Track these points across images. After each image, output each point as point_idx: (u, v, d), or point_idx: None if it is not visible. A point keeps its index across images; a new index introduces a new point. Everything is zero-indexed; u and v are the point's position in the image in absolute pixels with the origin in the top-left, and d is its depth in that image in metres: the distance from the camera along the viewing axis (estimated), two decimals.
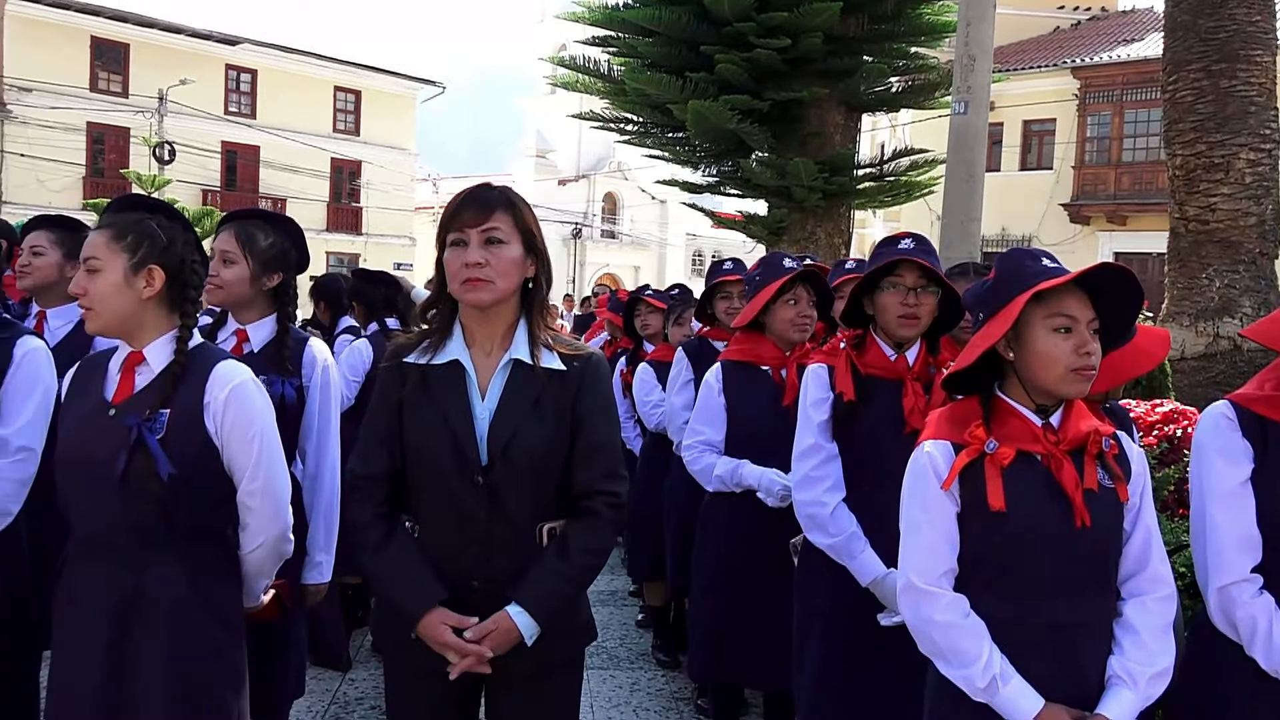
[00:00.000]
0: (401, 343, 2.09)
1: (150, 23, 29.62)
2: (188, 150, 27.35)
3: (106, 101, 28.69)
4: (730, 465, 3.24)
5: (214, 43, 30.70)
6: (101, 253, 2.01)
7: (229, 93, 31.40)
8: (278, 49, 32.17)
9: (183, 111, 28.17)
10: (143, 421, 1.95)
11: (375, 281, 4.84)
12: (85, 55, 28.64)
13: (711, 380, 3.35)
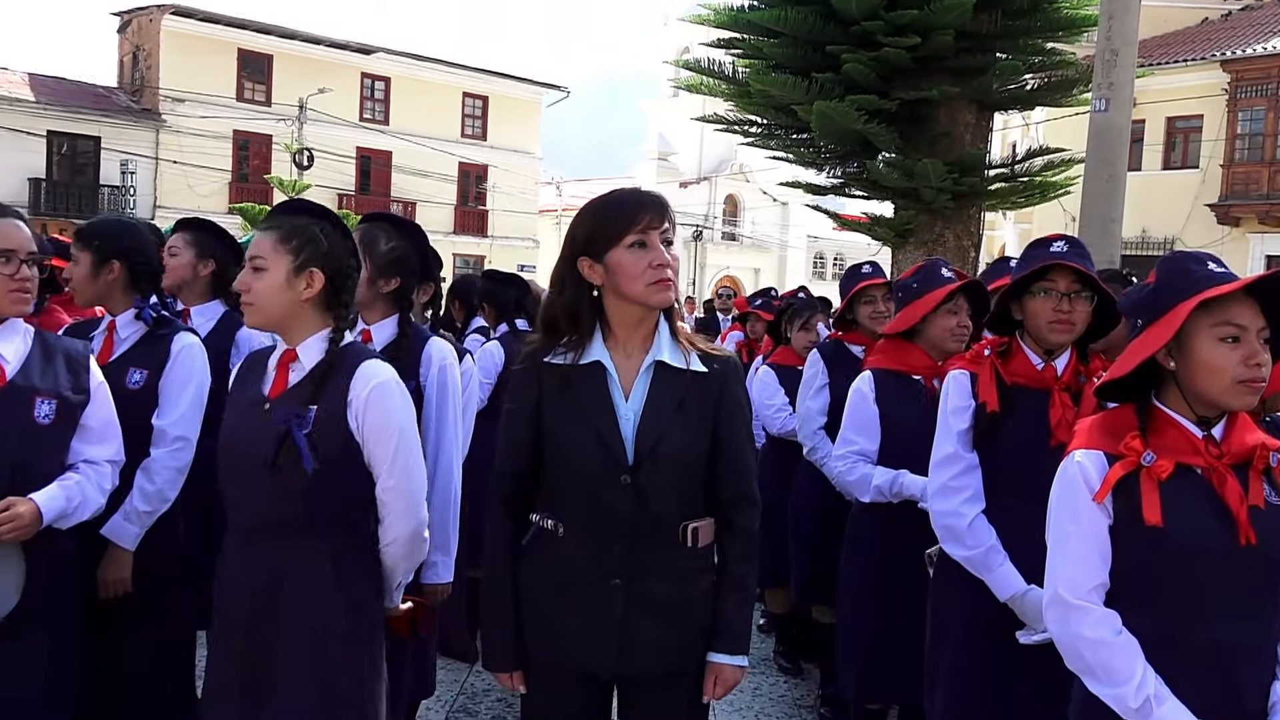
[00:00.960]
0: (536, 345, 2.11)
1: (292, 34, 31.01)
2: (325, 156, 28.51)
3: (251, 110, 30.16)
4: (889, 475, 3.16)
5: (350, 52, 31.95)
6: (267, 253, 2.09)
7: (364, 100, 32.60)
8: (410, 57, 33.26)
9: (321, 119, 29.37)
10: (293, 417, 2.03)
11: (506, 283, 4.93)
12: (233, 67, 30.17)
13: (864, 388, 3.26)
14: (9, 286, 2.28)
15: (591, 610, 2.02)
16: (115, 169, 27.93)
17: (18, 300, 2.31)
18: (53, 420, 2.30)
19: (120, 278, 2.77)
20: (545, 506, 2.09)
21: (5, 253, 2.27)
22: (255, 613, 2.07)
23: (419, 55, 33.77)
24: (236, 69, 30.33)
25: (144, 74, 30.00)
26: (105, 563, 2.59)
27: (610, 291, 2.05)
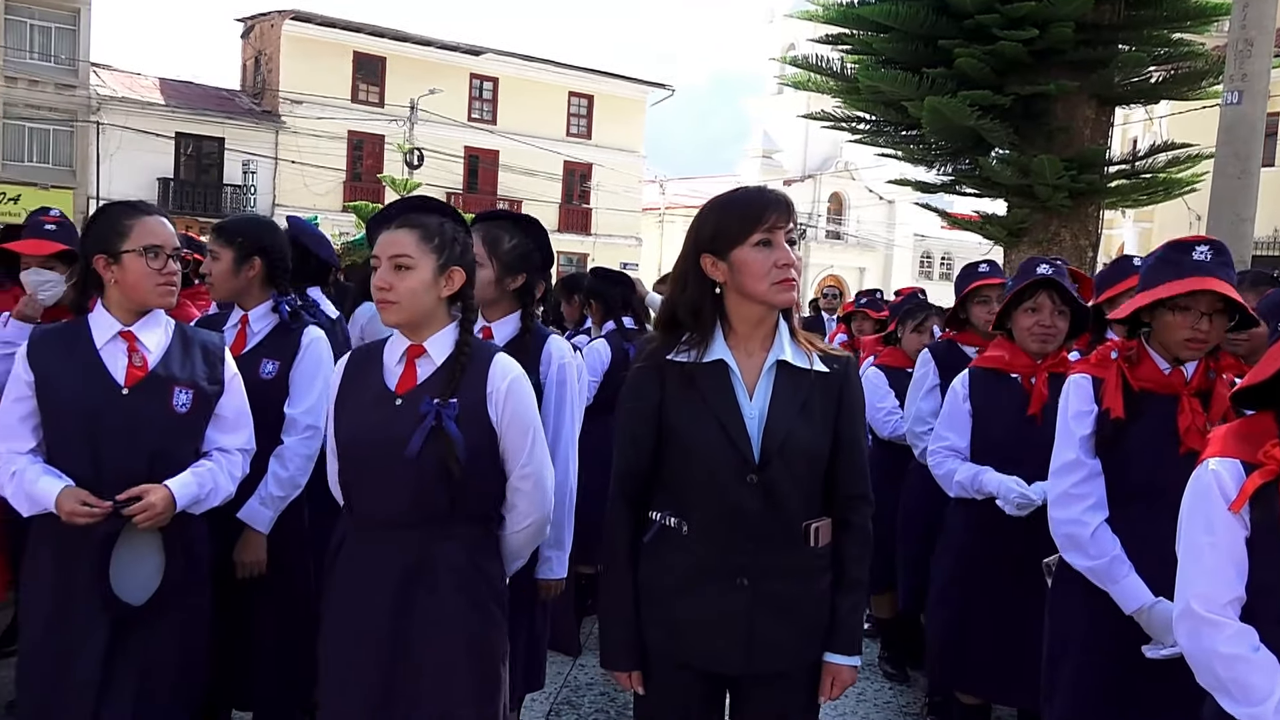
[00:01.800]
0: (657, 342, 2.12)
1: (405, 37, 31.81)
2: (434, 155, 29.16)
3: (365, 111, 31.05)
4: (971, 471, 3.19)
5: (460, 53, 32.60)
6: (413, 252, 2.13)
7: (472, 100, 33.23)
8: (518, 57, 33.77)
9: (431, 119, 30.06)
10: (441, 408, 2.07)
11: (613, 281, 4.96)
12: (348, 69, 31.11)
13: (958, 386, 3.31)
14: (156, 280, 2.40)
15: (716, 609, 2.02)
16: (238, 169, 29.16)
17: (164, 293, 2.43)
18: (189, 409, 2.42)
19: (259, 274, 2.89)
20: (667, 504, 2.09)
21: (154, 248, 2.39)
22: (397, 601, 2.11)
23: (526, 55, 34.27)
24: (351, 71, 31.26)
25: (265, 77, 31.17)
26: (241, 545, 2.70)
27: (733, 290, 2.04)
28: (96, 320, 2.41)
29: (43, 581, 2.35)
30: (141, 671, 2.33)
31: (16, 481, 2.29)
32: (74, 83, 27.08)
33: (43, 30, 26.79)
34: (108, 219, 2.43)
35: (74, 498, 2.25)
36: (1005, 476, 3.06)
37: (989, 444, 3.19)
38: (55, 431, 2.34)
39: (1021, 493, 2.97)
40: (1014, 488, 3.01)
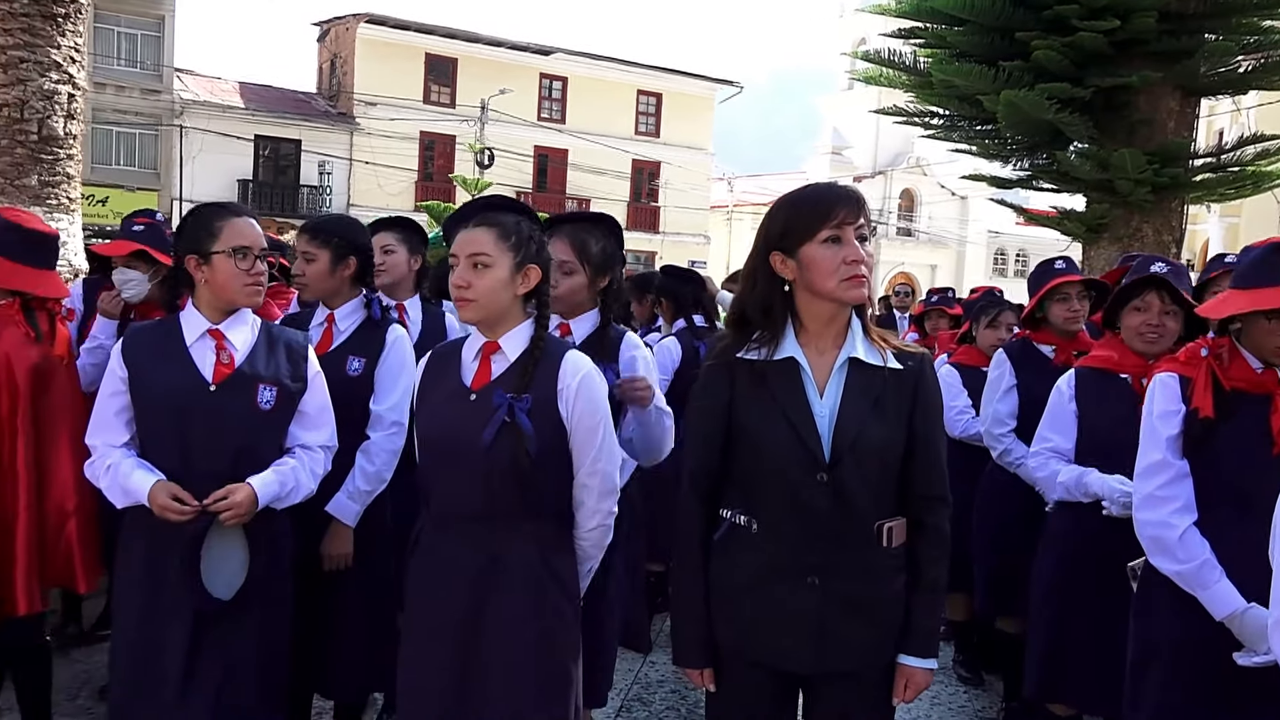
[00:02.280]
0: (727, 340, 2.12)
1: (475, 38, 32.22)
2: (504, 155, 29.48)
3: (436, 112, 31.52)
4: (1075, 473, 3.08)
5: (530, 54, 32.91)
6: (491, 250, 2.16)
7: (542, 100, 33.51)
8: (587, 56, 33.98)
9: (501, 119, 30.39)
10: (513, 401, 2.10)
11: (683, 279, 4.97)
12: (420, 71, 31.62)
13: (1064, 386, 3.20)
14: (244, 280, 2.46)
15: (787, 607, 2.02)
16: (314, 170, 29.83)
17: (252, 293, 2.49)
18: (273, 406, 2.48)
19: (353, 273, 2.95)
20: (737, 502, 2.09)
21: (242, 249, 2.45)
22: (472, 595, 2.14)
23: (595, 54, 34.46)
24: (424, 73, 31.75)
25: (340, 80, 31.82)
26: (329, 538, 2.77)
27: (802, 287, 2.03)
28: (187, 318, 2.49)
29: (134, 573, 2.43)
30: (225, 664, 2.40)
31: (112, 474, 2.38)
32: (159, 88, 27.97)
33: (129, 37, 27.72)
34: (199, 220, 2.50)
35: (165, 492, 2.32)
36: (1109, 476, 2.97)
37: (1095, 445, 3.08)
38: (146, 426, 2.42)
39: (1126, 491, 2.85)
40: (1118, 487, 2.91)
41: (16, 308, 3.03)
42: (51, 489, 3.05)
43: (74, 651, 4.14)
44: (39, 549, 2.99)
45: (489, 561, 2.15)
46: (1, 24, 5.31)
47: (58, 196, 5.54)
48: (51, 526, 3.04)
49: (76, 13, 5.53)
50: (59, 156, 5.55)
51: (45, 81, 5.38)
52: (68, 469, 3.08)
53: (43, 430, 3.02)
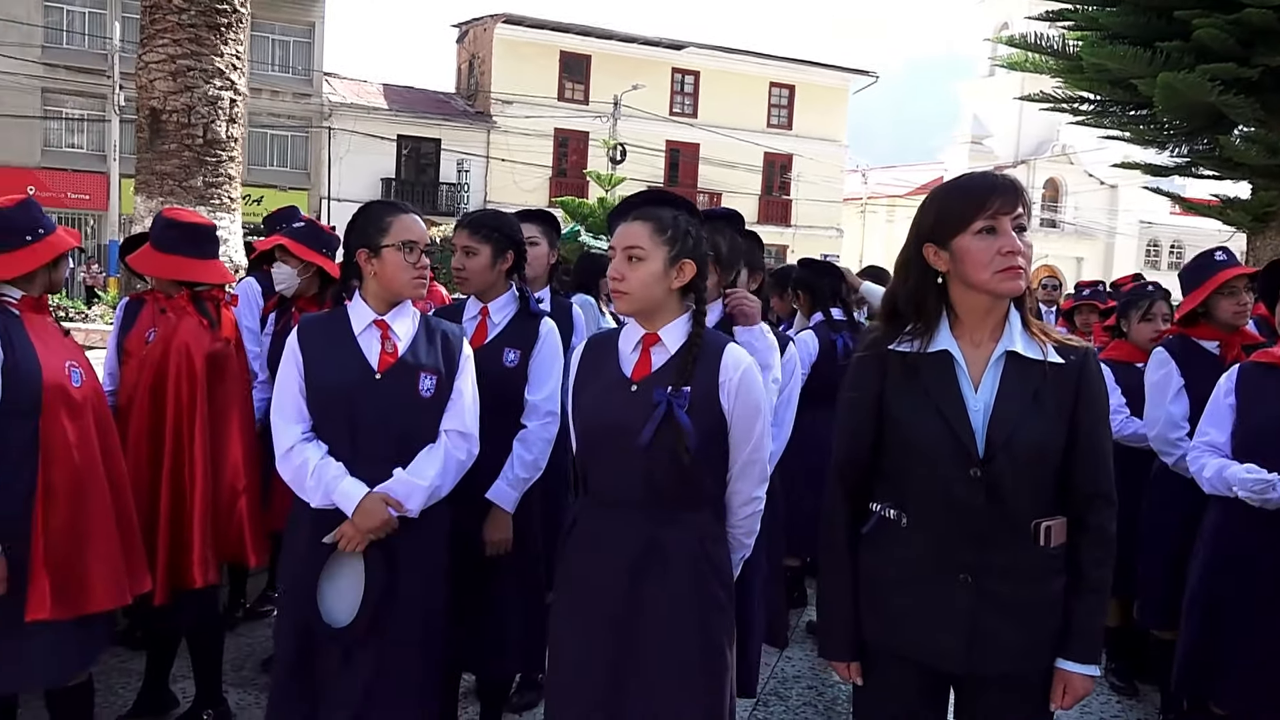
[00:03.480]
0: (878, 333, 2.09)
1: (609, 34, 32.56)
2: (637, 150, 29.68)
3: (571, 109, 32.02)
4: (1216, 466, 3.00)
5: (662, 49, 33.06)
6: (646, 244, 2.19)
7: (674, 94, 33.61)
8: (719, 50, 33.89)
9: (633, 114, 30.62)
10: (673, 396, 2.13)
11: (822, 272, 4.90)
12: (555, 69, 32.16)
13: (1224, 382, 3.09)
14: (411, 273, 2.57)
15: (937, 604, 1.98)
16: (452, 168, 30.74)
17: (417, 285, 2.61)
18: (433, 394, 2.58)
19: (510, 266, 3.04)
20: (887, 496, 2.06)
21: (410, 243, 2.57)
22: (631, 580, 2.17)
23: (727, 48, 34.34)
24: (558, 70, 32.27)
25: (478, 79, 32.64)
26: (489, 524, 2.86)
27: (956, 279, 1.99)
28: (354, 310, 2.62)
29: (299, 552, 2.56)
30: (384, 644, 2.50)
31: (317, 476, 2.49)
32: (309, 91, 29.28)
33: (282, 44, 29.11)
34: (369, 216, 2.62)
35: (382, 504, 2.46)
36: (1241, 465, 2.88)
37: (1252, 442, 2.96)
38: (318, 410, 2.56)
39: (1258, 478, 2.78)
40: (1246, 476, 2.83)
41: (186, 298, 3.25)
42: (224, 469, 3.26)
43: (239, 626, 4.39)
44: (213, 526, 3.20)
45: (649, 547, 2.18)
46: (171, 35, 5.62)
47: (220, 196, 5.84)
48: (224, 505, 3.26)
49: (238, 22, 5.83)
50: (221, 158, 5.86)
51: (210, 88, 5.69)
52: (238, 450, 3.30)
53: (217, 413, 3.24)
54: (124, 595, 2.77)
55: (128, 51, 20.95)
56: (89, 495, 2.68)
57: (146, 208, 5.62)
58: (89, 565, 2.66)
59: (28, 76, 26.09)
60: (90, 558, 2.67)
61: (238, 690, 3.72)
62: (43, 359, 2.62)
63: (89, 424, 2.71)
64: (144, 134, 5.68)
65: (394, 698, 2.52)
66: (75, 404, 2.67)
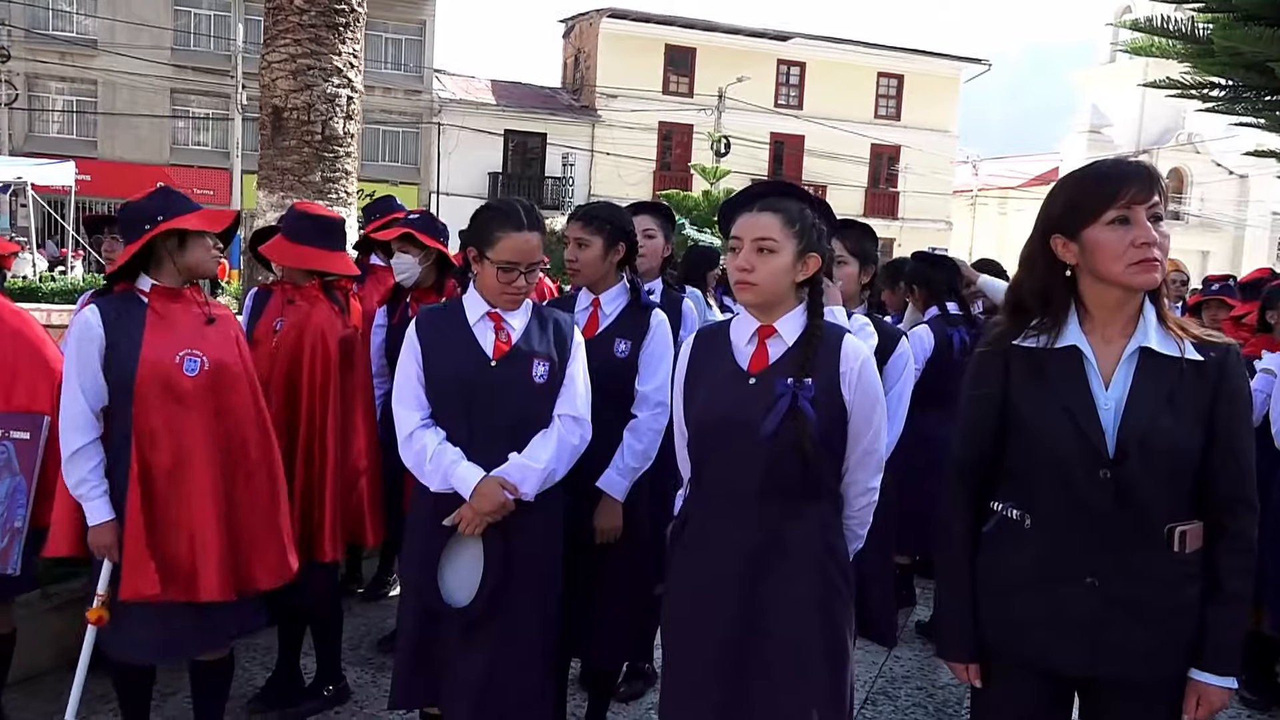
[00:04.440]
0: (1002, 327, 2.03)
1: (713, 26, 32.46)
2: (741, 142, 29.53)
3: (675, 102, 32.03)
4: None
5: (767, 40, 32.81)
6: (777, 235, 2.17)
7: (779, 86, 33.32)
8: (825, 40, 33.46)
9: (738, 107, 30.45)
10: (796, 388, 2.11)
11: (936, 264, 4.78)
12: (659, 62, 32.22)
13: None
14: (504, 291, 2.60)
15: (1061, 607, 1.92)
16: (558, 162, 31.10)
17: (509, 303, 2.65)
18: (546, 380, 2.62)
19: (621, 258, 3.06)
20: (1010, 495, 2.01)
21: (510, 265, 2.58)
22: (750, 574, 2.16)
23: (834, 38, 33.87)
24: (663, 64, 32.31)
25: (584, 74, 32.91)
26: (600, 512, 2.89)
27: (1086, 271, 1.92)
28: (469, 301, 2.68)
29: (420, 534, 2.62)
30: (503, 625, 2.55)
31: (436, 461, 2.55)
32: (420, 88, 29.99)
33: (394, 42, 29.86)
34: (485, 223, 2.64)
35: (498, 488, 2.50)
36: None
37: None
38: (436, 398, 2.62)
39: None
40: None
41: (317, 287, 3.38)
42: (350, 450, 3.38)
43: (355, 607, 4.53)
44: (341, 504, 3.31)
45: (769, 539, 2.16)
46: (293, 35, 5.80)
47: (337, 191, 6.01)
48: (347, 485, 3.37)
49: (355, 22, 5.98)
50: (339, 154, 6.02)
51: (328, 86, 5.84)
52: (363, 433, 3.44)
53: (346, 396, 3.36)
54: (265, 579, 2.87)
55: (250, 52, 21.79)
56: (191, 480, 2.73)
57: (268, 202, 5.81)
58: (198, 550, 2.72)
59: (158, 78, 27.39)
60: (198, 542, 2.73)
61: (355, 669, 3.84)
62: (150, 348, 2.70)
63: (199, 412, 2.75)
64: (266, 131, 5.87)
65: (515, 676, 2.56)
66: (181, 392, 2.73)
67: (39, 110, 27.50)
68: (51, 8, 27.13)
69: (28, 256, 14.64)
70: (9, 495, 2.83)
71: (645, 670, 3.77)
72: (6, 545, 2.81)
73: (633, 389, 2.97)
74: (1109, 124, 37.07)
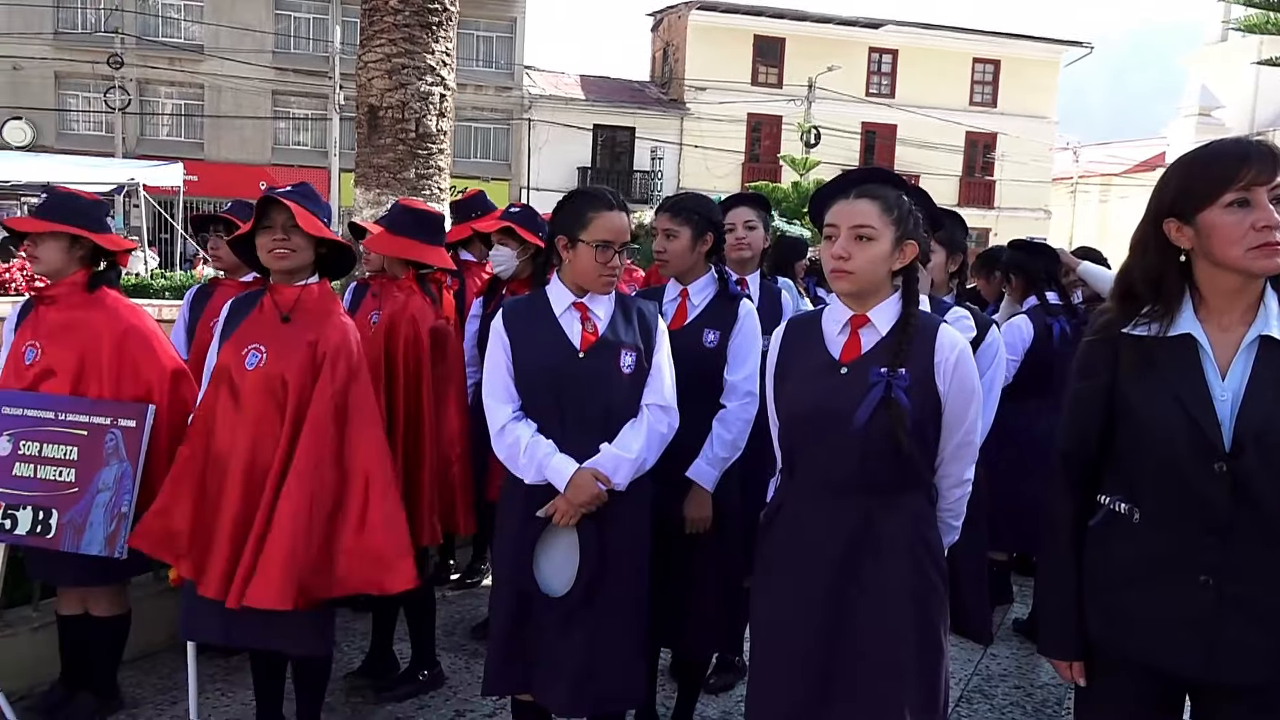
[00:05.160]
0: (1108, 316, 1.96)
1: (803, 16, 32.12)
2: (831, 133, 29.15)
3: (764, 93, 31.81)
4: None
5: (858, 28, 32.32)
6: (877, 223, 2.14)
7: (870, 75, 32.80)
8: (919, 27, 32.80)
9: (828, 97, 30.09)
10: (891, 378, 2.08)
11: (1035, 252, 4.65)
12: (748, 53, 32.01)
13: None
14: (600, 272, 2.60)
15: (1173, 606, 1.84)
16: (646, 155, 31.13)
17: (605, 284, 2.64)
18: (633, 370, 2.62)
19: (709, 248, 3.05)
20: (1118, 489, 1.94)
21: (605, 243, 2.59)
22: (843, 566, 2.13)
23: (928, 24, 33.18)
24: (752, 55, 32.07)
25: (672, 66, 32.88)
26: (689, 502, 2.89)
27: (1202, 256, 1.84)
28: (554, 292, 2.68)
29: (513, 525, 2.65)
30: (601, 610, 2.57)
31: (529, 453, 2.57)
32: (510, 85, 30.35)
33: (485, 39, 30.30)
34: (574, 206, 2.66)
35: (592, 479, 2.51)
36: None
37: None
38: (526, 390, 2.64)
39: None
40: None
41: (412, 278, 3.46)
42: (442, 439, 3.45)
43: (449, 594, 4.63)
44: (437, 490, 3.38)
45: (861, 531, 2.13)
46: (388, 35, 5.92)
47: (430, 188, 6.12)
48: (440, 473, 3.43)
49: (447, 20, 6.08)
50: (432, 151, 6.13)
51: (422, 84, 5.95)
52: (455, 421, 3.51)
53: (438, 385, 3.42)
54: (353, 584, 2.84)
55: (348, 53, 22.35)
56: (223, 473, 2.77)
57: (364, 199, 5.95)
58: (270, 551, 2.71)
59: (261, 80, 28.29)
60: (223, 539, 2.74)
61: (449, 655, 3.92)
62: (220, 341, 2.85)
63: (249, 407, 2.77)
64: (362, 130, 6.01)
65: (611, 662, 2.58)
66: (233, 385, 2.78)
67: (150, 114, 28.67)
68: (161, 15, 28.26)
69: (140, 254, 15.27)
70: (117, 481, 2.96)
71: (735, 663, 3.76)
72: (115, 529, 2.93)
73: (721, 379, 2.96)
74: (1219, 106, 35.47)
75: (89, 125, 28.07)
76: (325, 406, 2.78)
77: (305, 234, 2.81)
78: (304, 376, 2.78)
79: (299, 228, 2.78)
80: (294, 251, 2.82)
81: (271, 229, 2.81)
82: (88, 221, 3.12)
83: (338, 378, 2.81)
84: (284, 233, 2.80)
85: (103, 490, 2.95)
